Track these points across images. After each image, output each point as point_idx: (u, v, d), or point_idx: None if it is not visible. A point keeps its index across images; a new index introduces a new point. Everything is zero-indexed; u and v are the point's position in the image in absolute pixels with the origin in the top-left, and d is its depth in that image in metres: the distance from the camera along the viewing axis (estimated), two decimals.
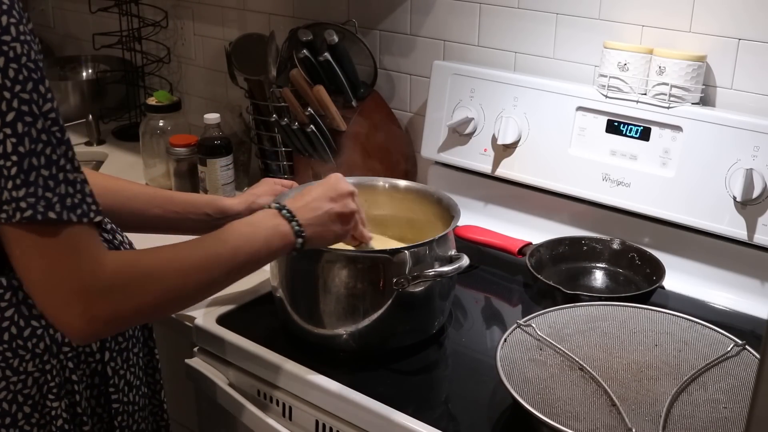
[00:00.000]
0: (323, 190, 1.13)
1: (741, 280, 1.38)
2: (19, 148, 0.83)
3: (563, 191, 1.53)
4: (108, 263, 0.88)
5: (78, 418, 1.03)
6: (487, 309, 1.42)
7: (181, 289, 0.96)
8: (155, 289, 0.92)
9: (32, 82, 0.84)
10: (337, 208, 1.13)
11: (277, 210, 1.08)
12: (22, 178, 0.84)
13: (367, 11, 1.81)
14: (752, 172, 1.31)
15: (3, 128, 0.83)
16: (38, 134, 0.84)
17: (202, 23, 2.18)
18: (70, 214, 0.86)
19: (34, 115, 0.84)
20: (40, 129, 0.84)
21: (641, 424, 1.01)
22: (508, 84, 1.57)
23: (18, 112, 0.83)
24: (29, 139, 0.84)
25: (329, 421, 1.16)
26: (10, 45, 0.82)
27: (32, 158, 0.84)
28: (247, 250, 1.03)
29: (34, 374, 0.97)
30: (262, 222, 1.06)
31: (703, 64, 1.39)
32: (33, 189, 0.84)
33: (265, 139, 1.85)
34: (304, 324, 1.22)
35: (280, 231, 1.07)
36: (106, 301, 0.87)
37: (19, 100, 0.83)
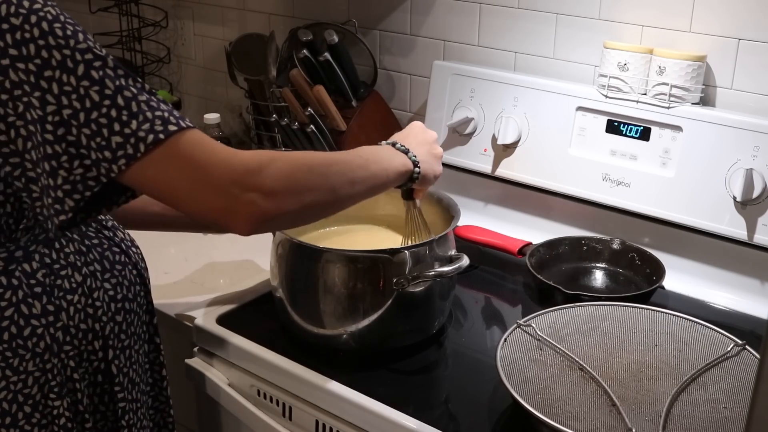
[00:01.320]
0: (420, 133, 1.19)
1: (741, 280, 1.38)
2: (105, 91, 0.85)
3: (563, 191, 1.53)
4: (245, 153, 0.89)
5: (80, 416, 1.03)
6: (487, 309, 1.42)
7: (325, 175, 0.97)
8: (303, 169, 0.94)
9: (81, 33, 0.86)
10: (436, 150, 1.19)
11: (390, 144, 1.13)
12: (126, 114, 0.85)
13: (367, 11, 1.81)
14: (752, 172, 1.31)
15: (80, 83, 0.84)
16: (114, 72, 0.86)
17: (202, 23, 2.18)
18: (186, 122, 0.88)
19: (101, 58, 0.86)
20: (113, 67, 0.86)
21: (641, 424, 1.01)
22: (508, 84, 1.57)
23: (85, 63, 0.85)
24: (109, 79, 0.85)
25: (329, 421, 1.16)
26: (44, 10, 0.84)
27: (124, 92, 0.86)
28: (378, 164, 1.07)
29: (35, 374, 0.97)
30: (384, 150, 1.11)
31: (703, 64, 1.39)
32: (142, 117, 0.85)
33: (265, 139, 1.85)
34: (304, 324, 1.22)
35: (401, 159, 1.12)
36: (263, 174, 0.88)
37: (80, 52, 0.85)
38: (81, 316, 1.01)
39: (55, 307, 0.98)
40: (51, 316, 0.97)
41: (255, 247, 1.42)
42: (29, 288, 0.96)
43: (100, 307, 1.02)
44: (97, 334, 1.03)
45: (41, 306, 0.96)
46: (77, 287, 1.00)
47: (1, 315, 0.94)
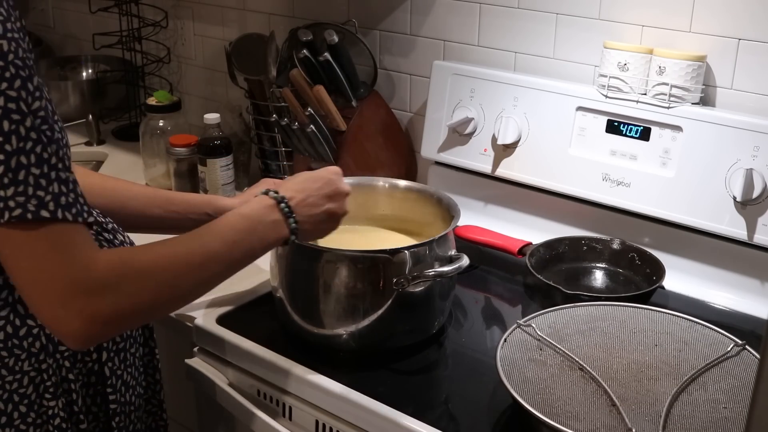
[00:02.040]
0: (322, 186, 1.11)
1: (741, 280, 1.38)
2: (5, 146, 0.81)
3: (563, 191, 1.53)
4: (101, 260, 0.86)
5: (75, 417, 1.03)
6: (487, 309, 1.42)
7: (177, 286, 0.94)
8: (151, 286, 0.90)
9: (20, 80, 0.82)
10: (334, 209, 1.12)
11: (275, 202, 1.06)
12: (9, 177, 0.82)
13: (367, 11, 1.81)
14: (752, 172, 1.31)
15: None
16: (27, 132, 0.82)
17: (202, 23, 2.18)
18: (65, 213, 0.84)
19: (22, 113, 0.82)
20: (29, 127, 0.82)
21: (641, 424, 1.01)
22: (508, 84, 1.57)
23: (4, 110, 0.81)
24: (17, 137, 0.82)
25: (329, 421, 1.16)
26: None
27: (20, 156, 0.82)
28: (244, 246, 1.01)
29: (30, 373, 0.97)
30: (259, 216, 1.04)
31: (703, 64, 1.39)
32: (22, 188, 0.82)
33: (265, 139, 1.85)
34: (304, 324, 1.22)
35: (277, 229, 1.05)
36: (101, 298, 0.85)
37: (5, 98, 0.81)
38: None
39: None
40: None
41: None
42: None
43: None
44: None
45: None
46: None
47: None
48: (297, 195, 1.08)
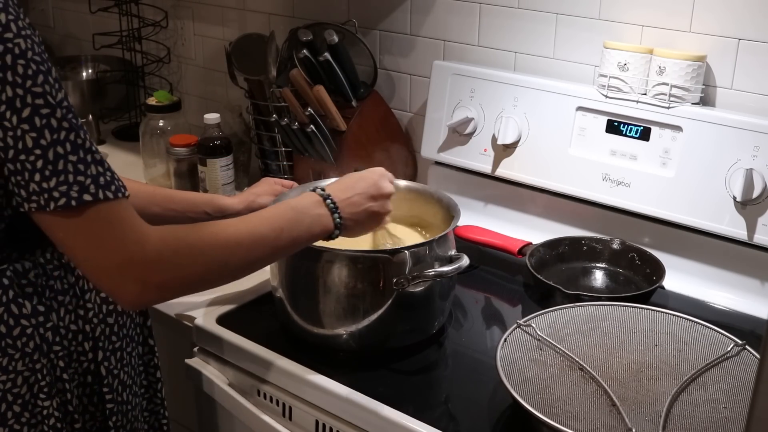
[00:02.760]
0: (367, 186, 1.14)
1: (741, 280, 1.38)
2: (41, 141, 0.85)
3: (563, 191, 1.53)
4: (152, 234, 0.90)
5: (70, 416, 1.03)
6: (487, 309, 1.42)
7: (226, 264, 0.97)
8: (202, 261, 0.94)
9: (42, 75, 0.85)
10: (376, 208, 1.15)
11: (322, 198, 1.10)
12: (50, 169, 0.85)
13: (367, 11, 1.81)
14: (752, 172, 1.31)
15: (20, 125, 0.84)
16: (59, 123, 0.86)
17: (202, 23, 2.18)
18: (106, 192, 0.87)
19: (50, 106, 0.85)
20: (60, 118, 0.86)
21: (641, 424, 1.01)
22: (508, 84, 1.57)
23: (33, 107, 0.84)
24: (49, 130, 0.85)
25: (329, 421, 1.16)
26: (14, 42, 0.83)
27: (57, 147, 0.85)
28: (290, 234, 1.05)
29: (24, 373, 0.97)
30: (307, 209, 1.08)
31: (703, 64, 1.39)
32: (63, 177, 0.85)
33: (265, 139, 1.85)
34: (304, 324, 1.22)
35: (323, 222, 1.09)
36: (155, 268, 0.90)
37: (32, 95, 0.84)
38: (72, 317, 1.01)
39: (45, 308, 0.98)
40: (41, 316, 0.97)
41: None
42: (20, 288, 0.96)
43: (91, 308, 1.03)
44: (87, 335, 1.03)
45: (31, 306, 0.96)
46: (69, 288, 1.00)
47: None
48: (342, 194, 1.12)
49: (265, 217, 1.04)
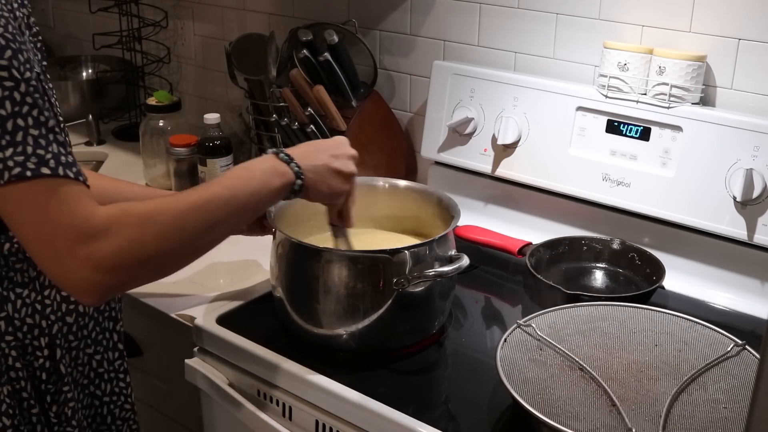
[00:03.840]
0: (325, 145, 1.14)
1: (741, 280, 1.38)
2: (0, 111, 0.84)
3: (563, 191, 1.53)
4: (101, 210, 0.87)
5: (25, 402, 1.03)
6: (487, 309, 1.42)
7: (180, 229, 0.93)
8: (153, 230, 0.90)
9: (10, 50, 0.85)
10: (338, 165, 1.13)
11: (274, 153, 1.08)
12: (7, 139, 0.84)
13: (367, 11, 1.81)
14: (752, 172, 1.31)
15: None
16: (22, 97, 0.85)
17: (202, 23, 2.18)
18: (66, 171, 0.86)
19: (15, 80, 0.85)
20: (23, 92, 0.85)
21: (641, 424, 1.01)
22: (508, 84, 1.57)
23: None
24: (11, 101, 0.84)
25: (329, 421, 1.16)
26: None
27: (17, 119, 0.85)
28: (246, 190, 1.02)
29: None
30: (258, 164, 1.06)
31: (703, 64, 1.39)
32: (21, 148, 0.84)
33: (265, 139, 1.85)
34: (304, 324, 1.22)
35: (278, 170, 1.06)
36: (104, 243, 0.86)
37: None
38: (28, 311, 1.01)
39: (1, 298, 0.98)
40: None
41: (255, 247, 1.42)
42: None
43: (49, 305, 1.02)
44: (43, 330, 1.03)
45: None
46: (29, 282, 1.00)
47: None
48: (298, 149, 1.11)
49: (217, 180, 1.03)
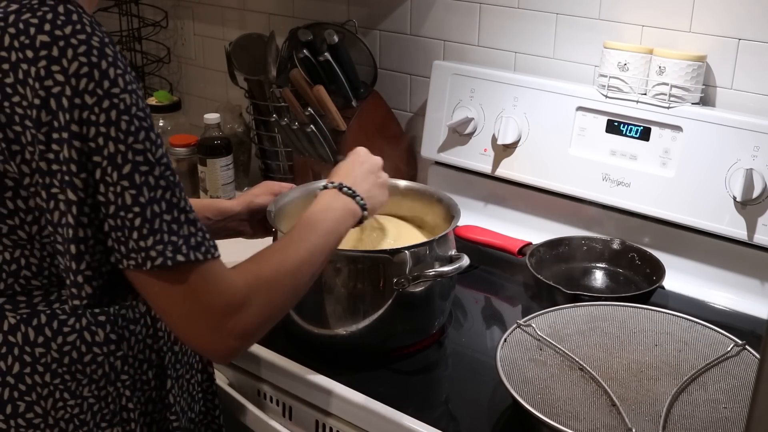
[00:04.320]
0: (362, 164, 1.20)
1: (741, 280, 1.38)
2: (139, 198, 0.85)
3: (563, 191, 1.53)
4: (239, 283, 0.92)
5: None
6: (487, 309, 1.42)
7: (299, 286, 1.00)
8: (281, 293, 0.97)
9: (143, 131, 0.85)
10: (380, 180, 1.20)
11: (336, 189, 1.12)
12: (147, 227, 0.86)
13: (367, 11, 1.81)
14: (752, 172, 1.31)
15: (121, 181, 0.84)
16: (156, 181, 0.86)
17: (202, 23, 2.18)
18: (196, 254, 0.88)
19: (150, 164, 0.86)
20: (158, 176, 0.86)
21: (641, 424, 1.01)
22: (508, 84, 1.57)
23: (134, 164, 0.85)
24: (148, 188, 0.86)
25: (329, 421, 1.16)
26: (120, 97, 0.84)
27: (153, 206, 0.86)
28: (335, 235, 1.07)
29: (89, 400, 0.97)
30: (333, 204, 1.11)
31: (703, 64, 1.39)
32: (159, 236, 0.86)
33: (265, 139, 1.85)
34: (304, 324, 1.22)
35: (350, 208, 1.12)
36: (245, 317, 0.92)
37: (133, 152, 0.85)
38: (140, 346, 1.01)
39: (117, 336, 0.97)
40: (113, 344, 0.97)
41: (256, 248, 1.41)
42: (93, 316, 0.95)
43: (161, 337, 1.03)
44: (152, 363, 1.03)
45: (104, 334, 0.96)
46: (140, 318, 1.00)
47: (64, 340, 0.94)
48: (347, 178, 1.15)
49: (310, 226, 1.06)
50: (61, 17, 0.83)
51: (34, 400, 0.95)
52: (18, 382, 0.95)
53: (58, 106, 0.82)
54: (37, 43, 0.82)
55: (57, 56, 0.82)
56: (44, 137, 0.83)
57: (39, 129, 0.83)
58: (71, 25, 0.83)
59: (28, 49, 0.82)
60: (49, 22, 0.83)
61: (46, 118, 0.83)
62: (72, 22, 0.83)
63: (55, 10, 0.83)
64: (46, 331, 0.94)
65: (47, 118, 0.83)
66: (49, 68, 0.82)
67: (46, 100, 0.82)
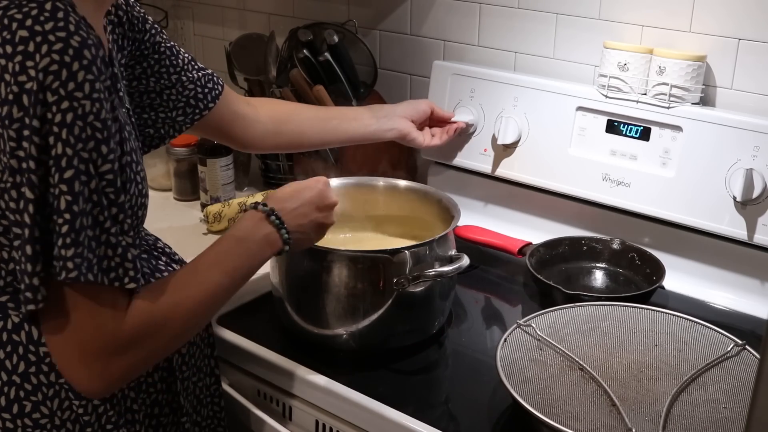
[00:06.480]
0: (312, 197, 1.10)
1: (741, 280, 1.38)
2: (73, 206, 0.84)
3: (563, 191, 1.53)
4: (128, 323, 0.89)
5: None
6: (487, 309, 1.42)
7: (189, 330, 0.98)
8: (167, 339, 0.94)
9: (94, 141, 0.84)
10: (321, 219, 1.11)
11: (265, 215, 1.05)
12: (72, 237, 0.84)
13: (367, 11, 1.81)
14: (752, 172, 1.31)
15: (60, 184, 0.83)
16: (90, 194, 0.85)
17: (202, 23, 2.18)
18: (103, 277, 0.87)
19: (89, 175, 0.85)
20: (93, 189, 0.85)
21: (641, 424, 1.01)
22: (508, 84, 1.57)
23: (76, 171, 0.84)
24: (83, 198, 0.84)
25: (329, 421, 1.16)
26: (81, 102, 0.83)
27: (83, 218, 0.85)
28: (243, 269, 1.02)
29: (94, 402, 0.98)
30: (252, 235, 1.03)
31: (703, 64, 1.39)
32: (80, 249, 0.85)
33: None
34: (304, 324, 1.22)
35: (270, 241, 1.04)
36: (123, 359, 0.90)
37: (78, 158, 0.84)
38: None
39: None
40: None
41: None
42: None
43: None
44: (158, 365, 1.03)
45: None
46: None
47: None
48: (286, 205, 1.07)
49: (215, 262, 1.00)
50: (45, 14, 0.82)
51: (40, 400, 0.95)
52: (24, 382, 0.95)
53: (29, 102, 0.81)
54: (16, 38, 0.81)
55: (32, 51, 0.81)
56: (15, 134, 0.82)
57: (11, 125, 0.82)
58: (53, 21, 0.82)
59: (8, 45, 0.82)
60: (32, 17, 0.82)
61: (17, 114, 0.82)
62: (55, 19, 0.82)
63: (42, 7, 0.82)
64: None
65: (19, 114, 0.82)
66: (24, 63, 0.81)
67: (18, 96, 0.81)
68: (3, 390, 0.95)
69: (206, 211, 1.62)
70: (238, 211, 1.62)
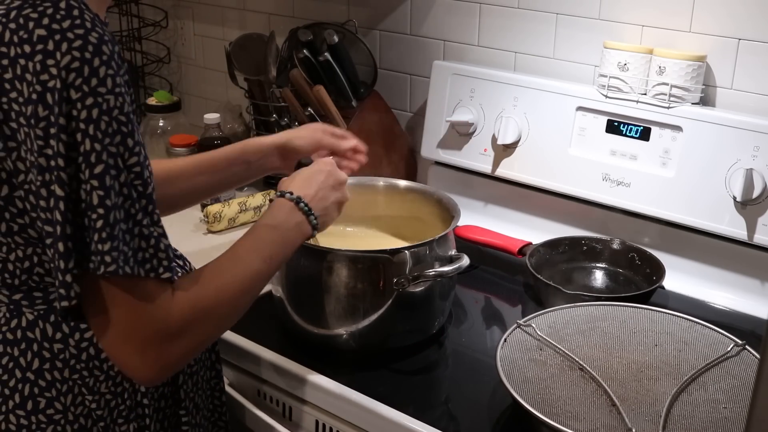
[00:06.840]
0: (326, 179, 1.13)
1: (741, 280, 1.38)
2: (106, 201, 0.84)
3: (563, 191, 1.53)
4: (175, 310, 0.90)
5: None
6: (487, 309, 1.42)
7: (234, 314, 0.99)
8: (215, 322, 0.96)
9: (120, 135, 0.85)
10: (339, 198, 1.14)
11: (294, 203, 1.07)
12: (107, 231, 0.85)
13: (367, 11, 1.81)
14: (752, 172, 1.31)
15: (91, 180, 0.84)
16: (120, 188, 0.86)
17: (202, 23, 2.18)
18: (139, 269, 0.87)
19: (118, 169, 0.85)
20: (123, 182, 0.86)
21: (641, 424, 1.01)
22: (508, 84, 1.57)
23: (106, 166, 0.84)
24: (115, 193, 0.85)
25: (329, 421, 1.16)
26: (105, 97, 0.83)
27: (116, 212, 0.85)
28: (280, 256, 1.05)
29: (106, 396, 0.98)
30: (286, 221, 1.06)
31: (703, 64, 1.39)
32: (116, 243, 0.85)
33: None
34: (304, 324, 1.22)
35: (302, 229, 1.08)
36: (176, 345, 0.91)
37: (107, 153, 0.84)
38: None
39: None
40: None
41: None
42: None
43: None
44: None
45: None
46: None
47: (82, 336, 0.95)
48: (308, 191, 1.10)
49: (254, 249, 1.02)
50: (61, 12, 0.83)
51: (53, 396, 0.96)
52: (38, 379, 0.95)
53: (53, 101, 0.82)
54: (34, 37, 0.82)
55: (52, 50, 0.82)
56: (42, 132, 0.83)
57: (37, 125, 0.83)
58: (70, 19, 0.83)
59: (26, 44, 0.82)
60: (49, 16, 0.83)
61: (43, 113, 0.82)
62: (71, 17, 0.83)
63: (57, 5, 0.83)
64: (63, 327, 0.95)
65: (44, 113, 0.82)
66: (45, 62, 0.82)
67: (42, 95, 0.82)
68: (17, 387, 0.95)
69: (206, 211, 1.62)
70: (238, 211, 1.63)
